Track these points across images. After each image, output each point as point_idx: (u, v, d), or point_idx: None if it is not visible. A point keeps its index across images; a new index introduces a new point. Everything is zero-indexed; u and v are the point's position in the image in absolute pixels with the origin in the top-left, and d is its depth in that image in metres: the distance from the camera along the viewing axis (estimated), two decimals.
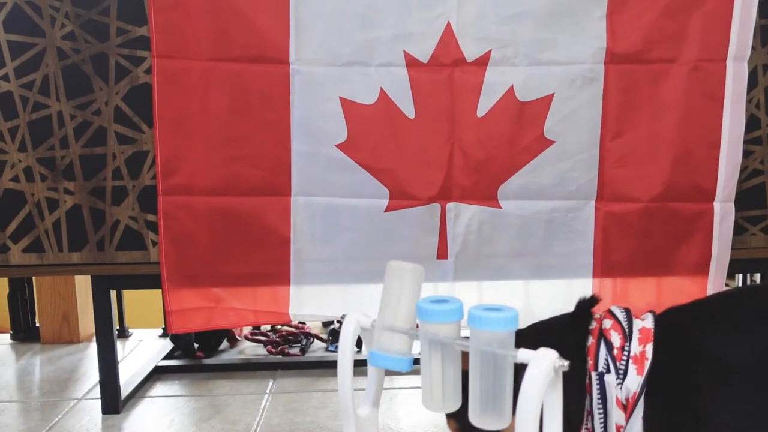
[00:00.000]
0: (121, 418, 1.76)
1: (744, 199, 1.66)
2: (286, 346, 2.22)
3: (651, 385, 1.01)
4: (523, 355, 0.87)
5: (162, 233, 1.64)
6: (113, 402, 1.79)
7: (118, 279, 1.74)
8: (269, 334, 2.32)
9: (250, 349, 2.26)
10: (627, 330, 1.06)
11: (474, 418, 0.90)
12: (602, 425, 1.01)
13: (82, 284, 2.41)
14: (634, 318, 1.10)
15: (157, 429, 1.69)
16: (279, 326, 2.36)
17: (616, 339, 1.05)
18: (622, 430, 1.01)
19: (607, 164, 1.63)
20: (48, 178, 1.65)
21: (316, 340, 2.28)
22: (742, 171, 1.65)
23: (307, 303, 1.70)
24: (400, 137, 1.62)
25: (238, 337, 2.31)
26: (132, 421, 1.75)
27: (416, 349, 0.96)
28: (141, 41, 1.60)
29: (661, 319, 1.09)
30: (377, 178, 1.63)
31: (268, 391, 1.91)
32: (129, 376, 1.96)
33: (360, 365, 1.00)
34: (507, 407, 0.88)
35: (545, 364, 0.85)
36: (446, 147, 1.62)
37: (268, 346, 2.22)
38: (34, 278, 2.43)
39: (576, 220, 1.66)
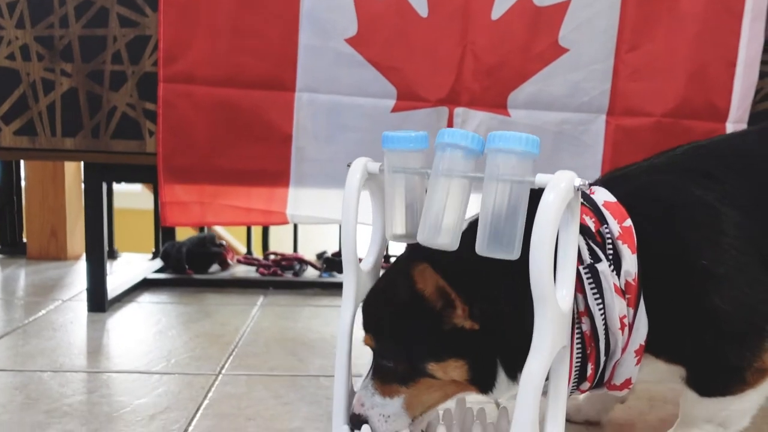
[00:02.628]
0: (106, 316, 1.71)
1: (757, 121, 1.62)
2: (279, 269, 2.17)
3: (642, 266, 0.90)
4: (541, 179, 0.83)
5: (161, 122, 1.58)
6: (99, 302, 1.74)
7: (112, 169, 1.69)
8: (262, 260, 2.28)
9: (242, 273, 2.21)
10: (595, 210, 0.93)
11: (481, 247, 0.85)
12: (604, 322, 0.88)
13: (73, 200, 2.36)
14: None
15: (143, 327, 1.64)
16: (272, 256, 2.32)
17: (589, 222, 0.91)
18: (626, 320, 0.89)
19: (622, 77, 1.59)
20: (45, 57, 1.59)
21: (310, 267, 2.23)
22: (756, 92, 1.62)
23: (305, 204, 1.66)
24: (412, 36, 1.57)
25: (230, 261, 2.26)
26: (117, 319, 1.70)
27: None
28: None
29: (616, 187, 0.97)
30: (385, 77, 1.58)
31: (258, 304, 1.87)
32: (116, 284, 1.90)
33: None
34: (518, 238, 0.84)
35: (563, 186, 0.81)
36: (458, 49, 1.58)
37: (261, 269, 2.17)
38: (23, 191, 2.37)
39: (586, 134, 1.62)
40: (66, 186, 2.33)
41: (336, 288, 2.05)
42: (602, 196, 0.96)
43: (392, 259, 1.10)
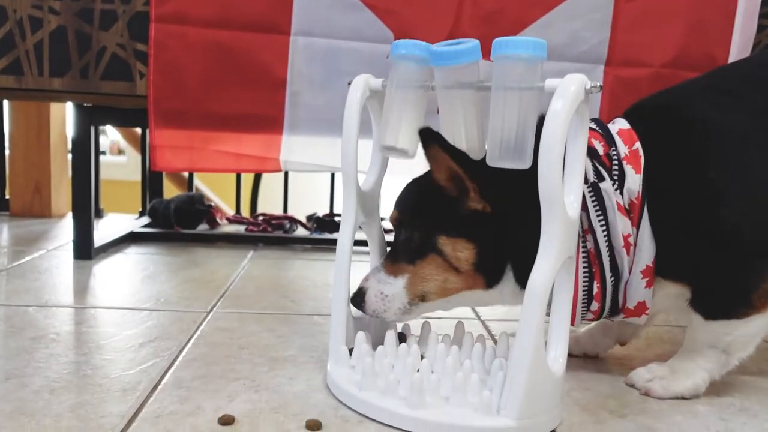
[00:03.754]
0: (93, 263, 1.67)
1: None
2: (269, 227, 2.14)
3: (649, 184, 0.91)
4: (551, 83, 0.81)
5: (152, 63, 1.55)
6: (86, 249, 1.70)
7: (101, 112, 1.65)
8: (251, 219, 2.24)
9: (232, 230, 2.17)
10: (606, 136, 0.95)
11: (492, 157, 0.83)
12: (606, 239, 0.90)
13: (58, 157, 2.31)
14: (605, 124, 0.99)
15: (131, 273, 1.61)
16: (262, 218, 2.29)
17: (598, 146, 0.93)
18: (630, 238, 0.91)
19: (620, 26, 1.58)
20: None
21: (300, 226, 2.20)
22: (754, 46, 1.61)
23: (298, 150, 1.63)
24: None
25: (219, 221, 2.23)
26: (104, 265, 1.66)
27: None
28: None
29: (634, 115, 0.99)
30: (382, 20, 1.55)
31: (249, 257, 1.84)
32: (103, 235, 1.86)
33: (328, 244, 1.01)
34: (529, 146, 0.82)
35: (573, 89, 0.79)
36: None
37: (250, 227, 2.14)
38: (6, 146, 2.31)
39: None
40: (51, 143, 2.28)
41: (328, 244, 2.03)
42: (618, 125, 0.98)
43: None
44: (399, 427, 0.82)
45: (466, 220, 0.89)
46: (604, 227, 0.90)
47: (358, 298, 0.96)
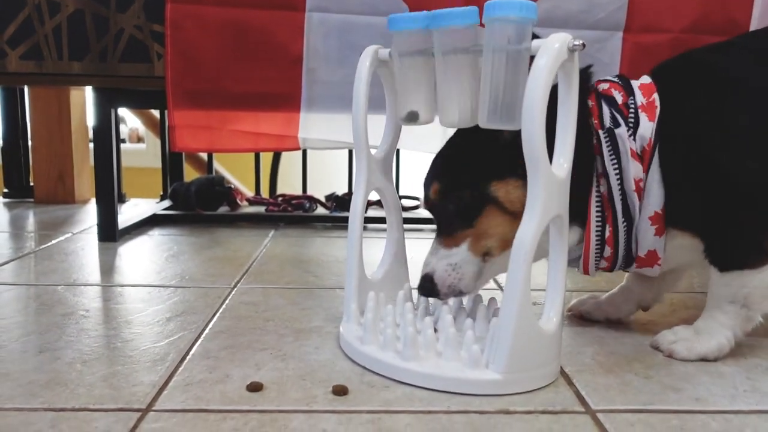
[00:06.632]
0: (118, 245, 1.69)
1: None
2: (289, 207, 2.15)
3: (663, 131, 0.93)
4: (536, 43, 0.80)
5: (169, 44, 1.55)
6: (110, 232, 1.72)
7: (120, 95, 1.67)
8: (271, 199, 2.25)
9: (252, 211, 2.19)
10: (626, 87, 0.97)
11: (482, 119, 0.83)
12: (619, 182, 0.92)
13: (80, 144, 2.34)
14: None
15: (155, 253, 1.63)
16: (281, 198, 2.30)
17: (617, 95, 0.96)
18: (641, 183, 0.92)
19: None
20: None
21: (319, 206, 2.21)
22: None
23: (316, 127, 1.63)
24: None
25: (239, 202, 2.24)
26: (129, 246, 1.69)
27: None
28: None
29: (658, 71, 1.02)
30: None
31: (270, 236, 1.85)
32: (126, 218, 1.89)
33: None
34: (518, 107, 0.81)
35: (557, 47, 0.78)
36: None
37: (270, 207, 2.15)
38: (29, 135, 2.34)
39: (602, 52, 1.58)
40: (72, 130, 2.31)
41: (347, 222, 2.03)
42: (641, 80, 1.00)
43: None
44: (393, 378, 0.85)
45: (505, 152, 0.88)
46: (617, 171, 0.93)
47: (427, 284, 0.92)
